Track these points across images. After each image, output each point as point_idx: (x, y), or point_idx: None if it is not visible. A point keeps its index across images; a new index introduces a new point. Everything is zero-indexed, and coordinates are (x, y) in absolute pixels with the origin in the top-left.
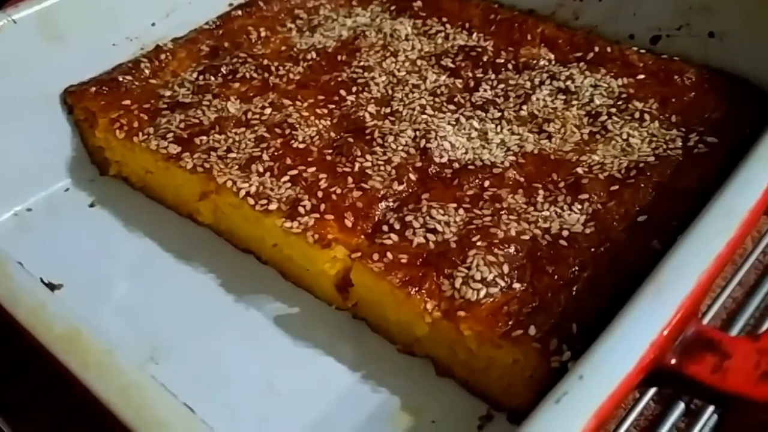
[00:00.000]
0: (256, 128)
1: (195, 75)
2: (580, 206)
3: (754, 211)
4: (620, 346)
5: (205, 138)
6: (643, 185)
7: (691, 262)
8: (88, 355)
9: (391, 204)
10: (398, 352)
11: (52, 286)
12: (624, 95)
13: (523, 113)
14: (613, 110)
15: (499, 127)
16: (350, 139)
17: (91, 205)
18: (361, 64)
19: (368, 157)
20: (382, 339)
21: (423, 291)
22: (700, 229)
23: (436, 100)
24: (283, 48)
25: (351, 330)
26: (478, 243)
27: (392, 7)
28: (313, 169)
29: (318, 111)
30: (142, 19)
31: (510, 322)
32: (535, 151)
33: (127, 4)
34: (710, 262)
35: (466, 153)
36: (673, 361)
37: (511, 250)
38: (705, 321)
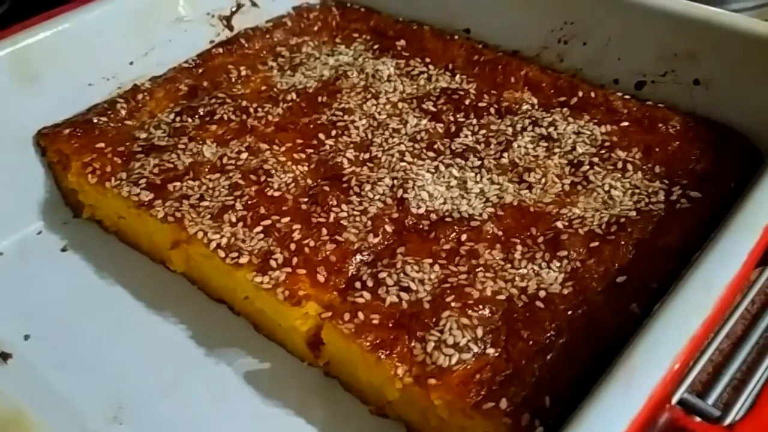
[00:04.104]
0: (231, 174)
1: (172, 116)
2: (558, 264)
3: (731, 286)
4: None
5: (178, 184)
6: (623, 242)
7: (664, 345)
8: None
9: (365, 258)
10: (370, 413)
11: (4, 356)
12: (607, 143)
13: (504, 161)
14: (596, 159)
15: (478, 176)
16: (326, 188)
17: (64, 249)
18: (342, 106)
19: (344, 206)
20: (354, 399)
21: (394, 355)
22: (676, 305)
23: (416, 146)
24: (263, 88)
25: (323, 388)
26: (452, 304)
27: (375, 46)
28: (287, 219)
29: (295, 156)
30: (120, 57)
31: (482, 392)
32: (515, 203)
33: (105, 43)
34: (684, 345)
35: (444, 203)
36: None
37: (486, 312)
38: (691, 376)
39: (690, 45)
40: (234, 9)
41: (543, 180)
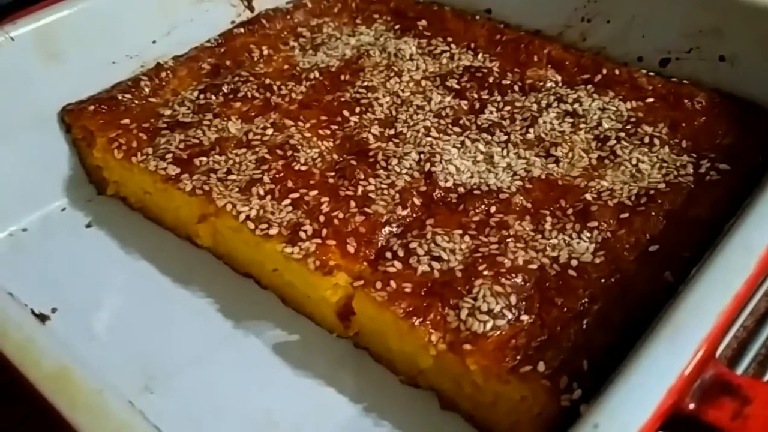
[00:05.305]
0: (257, 149)
1: (196, 94)
2: (589, 234)
3: None
4: (637, 391)
5: (204, 159)
6: (653, 213)
7: (708, 302)
8: (77, 396)
9: (394, 229)
10: (401, 383)
11: (42, 317)
12: (633, 119)
13: (530, 136)
14: (622, 134)
15: (505, 151)
16: (353, 162)
17: (88, 226)
18: (365, 84)
19: (371, 180)
20: (384, 369)
21: (428, 322)
22: (717, 265)
23: (441, 122)
24: (286, 67)
25: (352, 359)
26: (485, 272)
27: (396, 26)
28: (315, 192)
29: (320, 132)
30: (143, 36)
31: (518, 357)
32: (543, 176)
33: (128, 22)
34: (728, 302)
35: (471, 177)
36: (691, 407)
37: (519, 280)
38: (718, 351)
39: (715, 21)
40: None
41: (570, 154)
